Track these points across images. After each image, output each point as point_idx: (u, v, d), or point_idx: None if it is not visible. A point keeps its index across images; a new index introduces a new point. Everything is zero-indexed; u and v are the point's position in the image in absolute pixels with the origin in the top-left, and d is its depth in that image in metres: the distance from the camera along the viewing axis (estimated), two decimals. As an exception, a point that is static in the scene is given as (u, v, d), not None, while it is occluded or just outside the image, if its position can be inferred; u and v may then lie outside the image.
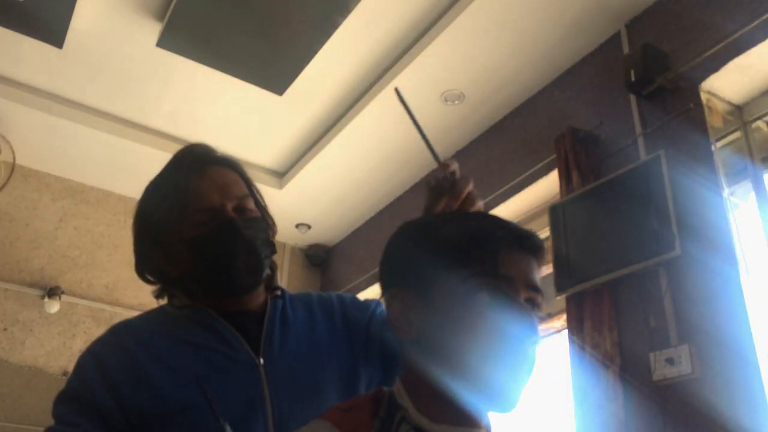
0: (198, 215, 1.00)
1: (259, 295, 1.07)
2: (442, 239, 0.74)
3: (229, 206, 1.01)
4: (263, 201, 1.11)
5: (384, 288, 0.79)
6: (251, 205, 1.06)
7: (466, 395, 0.70)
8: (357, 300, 1.16)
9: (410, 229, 0.80)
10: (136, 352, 0.94)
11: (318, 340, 1.05)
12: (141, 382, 0.91)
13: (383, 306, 0.98)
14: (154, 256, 1.04)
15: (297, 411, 0.95)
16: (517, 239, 0.74)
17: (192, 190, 1.02)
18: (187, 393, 0.91)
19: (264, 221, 1.07)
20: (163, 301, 1.08)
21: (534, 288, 0.73)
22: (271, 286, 1.09)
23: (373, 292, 3.80)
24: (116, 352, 0.95)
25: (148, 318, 1.05)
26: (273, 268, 1.09)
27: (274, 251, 1.07)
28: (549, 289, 2.42)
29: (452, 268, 0.71)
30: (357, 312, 1.11)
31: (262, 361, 0.97)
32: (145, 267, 1.06)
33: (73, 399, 0.91)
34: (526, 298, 0.72)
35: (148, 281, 1.06)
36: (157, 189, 1.08)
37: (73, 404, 0.91)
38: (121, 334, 0.99)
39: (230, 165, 1.08)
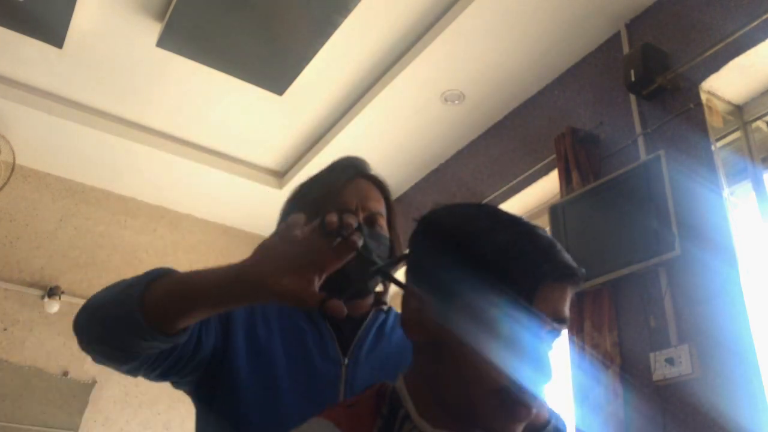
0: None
1: (364, 306, 1.10)
2: (479, 254, 0.68)
3: (362, 215, 1.07)
4: (398, 231, 1.15)
5: (407, 279, 0.75)
6: (383, 223, 1.10)
7: (464, 417, 0.69)
8: None
9: (446, 226, 0.74)
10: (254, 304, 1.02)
11: (407, 362, 1.08)
12: (248, 325, 1.00)
13: None
14: None
15: None
16: (560, 275, 0.68)
17: (336, 190, 1.08)
18: (271, 353, 0.98)
19: (389, 241, 1.10)
20: None
21: (562, 320, 0.69)
22: (379, 300, 1.13)
23: (373, 292, 3.79)
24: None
25: None
26: (386, 286, 1.14)
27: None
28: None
29: (481, 289, 0.67)
30: None
31: (347, 361, 1.01)
32: None
33: None
34: (551, 330, 0.69)
35: None
36: (309, 182, 1.15)
37: None
38: None
39: (379, 185, 1.14)
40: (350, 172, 1.11)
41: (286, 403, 0.93)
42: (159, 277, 0.83)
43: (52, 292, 3.57)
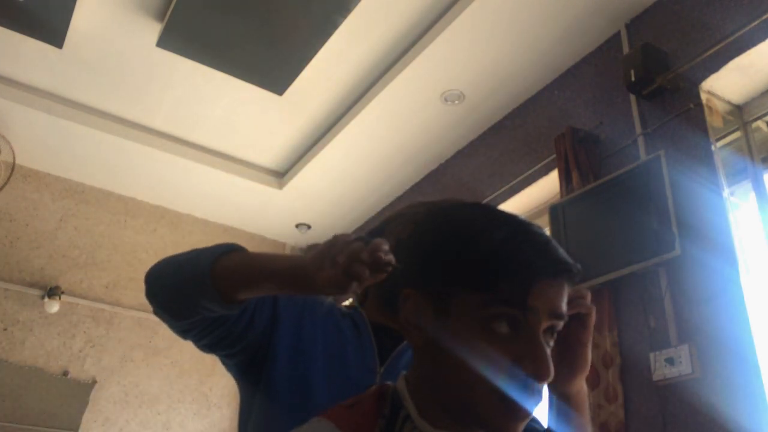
0: None
1: None
2: (474, 253, 0.68)
3: None
4: None
5: (403, 277, 0.75)
6: None
7: (464, 417, 0.69)
8: None
9: (440, 227, 0.74)
10: (305, 306, 1.09)
11: None
12: (296, 323, 1.05)
13: None
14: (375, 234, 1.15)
15: None
16: (555, 271, 0.68)
17: None
18: (311, 355, 1.03)
19: None
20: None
21: (558, 316, 0.69)
22: None
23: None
24: (295, 303, 1.10)
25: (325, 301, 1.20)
26: None
27: None
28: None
29: (478, 288, 0.67)
30: None
31: (382, 370, 1.04)
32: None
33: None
34: (548, 327, 0.68)
35: None
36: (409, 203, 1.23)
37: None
38: (301, 300, 1.15)
39: None
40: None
41: (316, 404, 0.95)
42: (233, 250, 0.92)
43: (52, 292, 3.57)
